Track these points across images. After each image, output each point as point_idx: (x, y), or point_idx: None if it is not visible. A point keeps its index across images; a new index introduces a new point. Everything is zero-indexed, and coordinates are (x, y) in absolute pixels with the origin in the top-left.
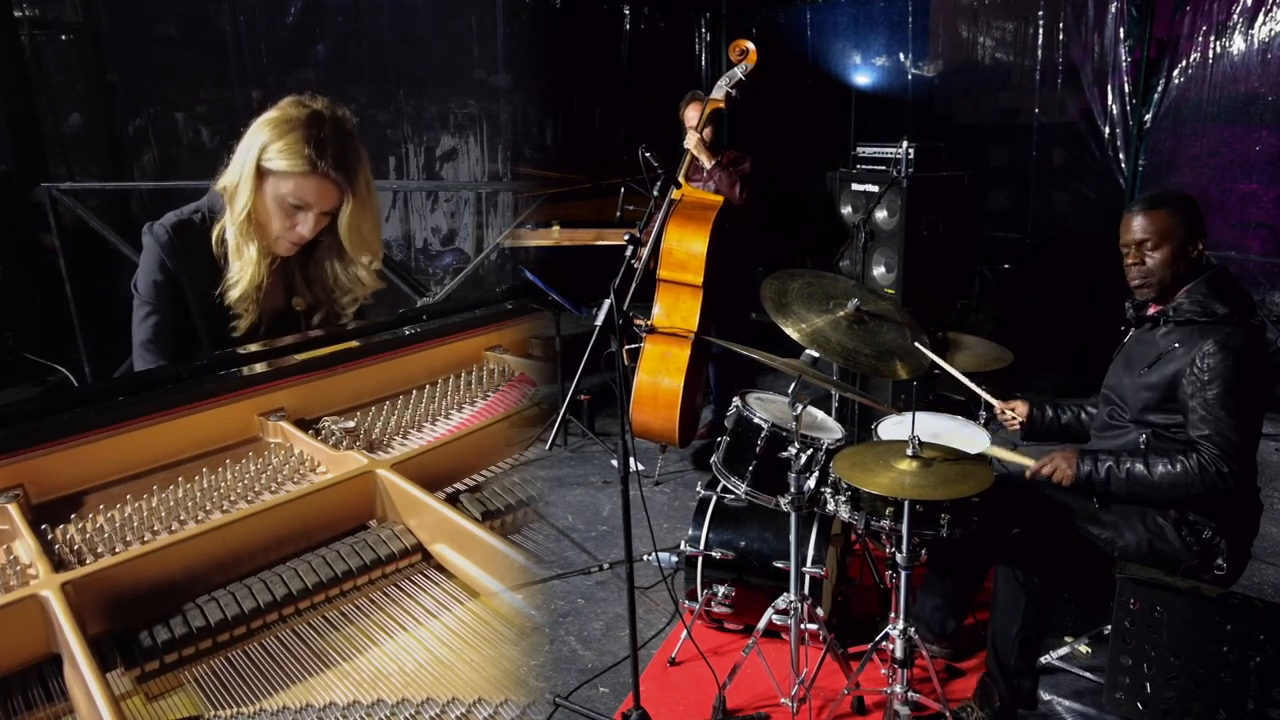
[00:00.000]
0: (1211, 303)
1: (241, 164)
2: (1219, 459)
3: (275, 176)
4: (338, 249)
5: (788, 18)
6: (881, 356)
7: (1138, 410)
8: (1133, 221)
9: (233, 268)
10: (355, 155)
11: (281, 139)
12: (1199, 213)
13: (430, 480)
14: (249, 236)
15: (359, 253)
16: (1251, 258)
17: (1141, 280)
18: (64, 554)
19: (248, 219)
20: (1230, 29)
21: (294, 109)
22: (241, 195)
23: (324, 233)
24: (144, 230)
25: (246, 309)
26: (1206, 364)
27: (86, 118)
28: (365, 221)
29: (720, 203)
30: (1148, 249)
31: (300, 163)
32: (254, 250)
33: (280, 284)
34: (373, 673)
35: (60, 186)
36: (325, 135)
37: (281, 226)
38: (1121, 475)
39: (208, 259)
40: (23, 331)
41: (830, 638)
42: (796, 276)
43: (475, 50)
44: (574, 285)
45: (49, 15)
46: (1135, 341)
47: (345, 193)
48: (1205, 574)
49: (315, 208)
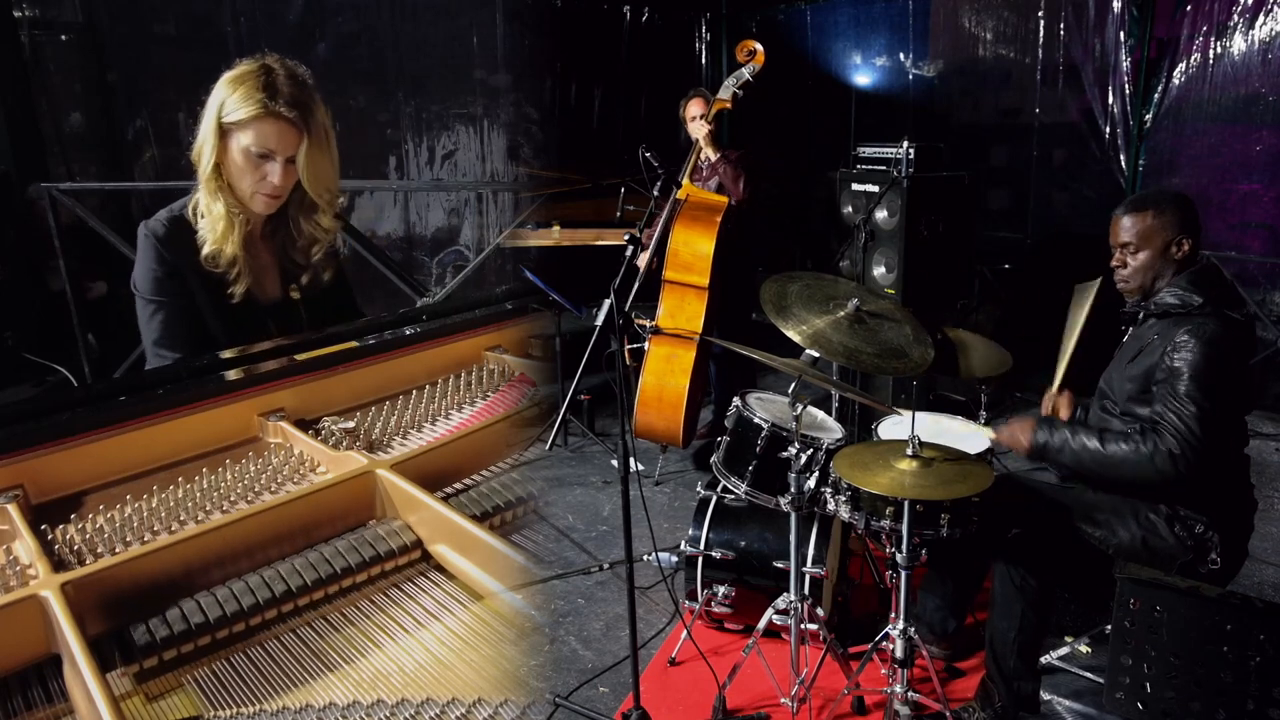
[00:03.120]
0: (1189, 295)
1: (204, 125)
2: (1174, 444)
3: (236, 130)
4: (298, 201)
5: (788, 17)
6: (884, 354)
7: (1124, 401)
8: (1118, 224)
9: (202, 222)
10: (309, 96)
11: (236, 90)
12: (1190, 210)
13: (430, 480)
14: (215, 195)
15: (318, 191)
16: (1251, 258)
17: (1122, 282)
18: (64, 554)
19: (214, 176)
20: (1230, 29)
21: (247, 65)
22: (205, 154)
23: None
24: (139, 228)
25: (236, 274)
26: (1177, 353)
27: (86, 118)
28: (322, 159)
29: (725, 203)
30: (1130, 252)
31: (255, 106)
32: (221, 206)
33: (263, 246)
34: (373, 673)
35: (60, 187)
36: (277, 80)
37: (252, 181)
38: (1075, 446)
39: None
40: (23, 331)
41: (830, 638)
42: (795, 279)
43: (475, 50)
44: (574, 285)
45: (49, 15)
46: (1130, 338)
47: (302, 133)
48: (1200, 568)
49: (280, 153)
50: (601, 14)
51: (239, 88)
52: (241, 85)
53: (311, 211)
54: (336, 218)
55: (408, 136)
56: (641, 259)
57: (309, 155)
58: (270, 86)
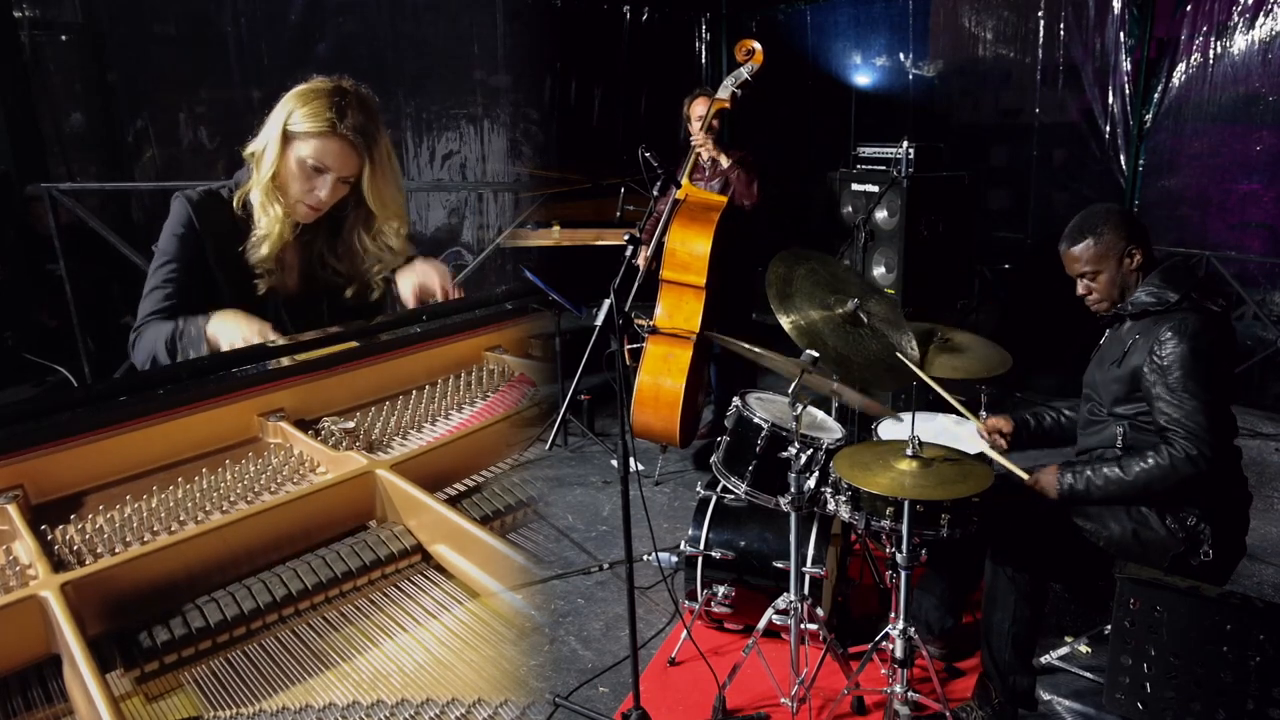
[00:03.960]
0: (1164, 292)
1: (269, 130)
2: (1189, 444)
3: (299, 139)
4: (364, 219)
5: (788, 17)
6: (869, 365)
7: (1111, 404)
8: (1068, 257)
9: (259, 224)
10: (375, 125)
11: (307, 105)
12: (1126, 219)
13: (430, 481)
14: (273, 197)
15: (386, 218)
16: (1251, 258)
17: (1096, 302)
18: (63, 554)
19: (271, 180)
20: (1230, 29)
21: (320, 82)
22: (267, 158)
23: (350, 205)
24: (174, 196)
25: (269, 269)
26: (1164, 351)
27: (86, 118)
28: (387, 186)
29: (724, 203)
30: (1090, 278)
31: (322, 124)
32: (279, 209)
33: (302, 260)
34: (372, 673)
35: (60, 187)
36: (347, 103)
37: (300, 190)
38: (1099, 482)
39: (232, 224)
40: (23, 331)
41: (830, 638)
42: (805, 260)
43: (475, 50)
44: (574, 285)
45: (49, 15)
46: (1109, 339)
47: (364, 158)
48: (1192, 559)
49: (334, 171)
50: (601, 14)
51: (310, 102)
52: (313, 101)
53: (379, 234)
54: (409, 239)
55: (408, 136)
56: (641, 257)
57: (373, 180)
58: (340, 109)
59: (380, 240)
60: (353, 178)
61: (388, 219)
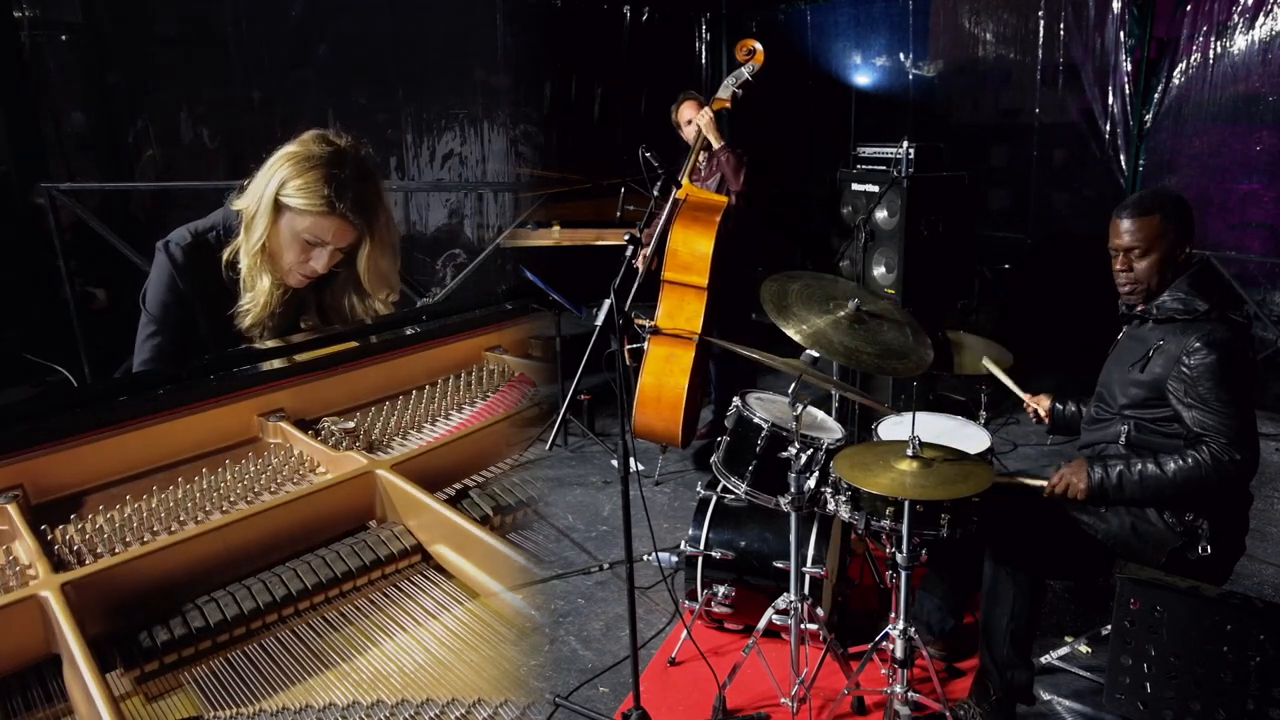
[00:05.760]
0: (1193, 300)
1: (259, 195)
2: (1228, 447)
3: (292, 212)
4: (355, 283)
5: (788, 17)
6: (884, 355)
7: (1123, 404)
8: (1121, 226)
9: (245, 298)
10: (375, 196)
11: (301, 176)
12: (1189, 214)
13: (430, 481)
14: (263, 268)
15: (378, 289)
16: (1251, 258)
17: (1129, 286)
18: (63, 554)
19: (262, 249)
20: (1231, 29)
21: (316, 145)
22: (258, 226)
23: (341, 265)
24: (158, 247)
25: (259, 334)
26: (1193, 361)
27: (86, 118)
28: (384, 259)
29: (725, 203)
30: (1135, 256)
31: (319, 202)
32: (267, 282)
33: (292, 309)
34: (372, 673)
35: (60, 187)
36: (346, 176)
37: (295, 260)
38: (1134, 477)
39: (220, 280)
40: (23, 331)
41: (830, 638)
42: (795, 279)
43: (475, 50)
44: (574, 285)
45: (49, 15)
46: (1127, 338)
47: (363, 233)
48: (1190, 554)
49: (331, 245)
50: (601, 14)
51: (304, 175)
52: (307, 173)
53: (368, 299)
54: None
55: (408, 136)
56: (640, 258)
57: (370, 257)
58: (339, 185)
59: (368, 304)
60: (351, 248)
61: (379, 289)
